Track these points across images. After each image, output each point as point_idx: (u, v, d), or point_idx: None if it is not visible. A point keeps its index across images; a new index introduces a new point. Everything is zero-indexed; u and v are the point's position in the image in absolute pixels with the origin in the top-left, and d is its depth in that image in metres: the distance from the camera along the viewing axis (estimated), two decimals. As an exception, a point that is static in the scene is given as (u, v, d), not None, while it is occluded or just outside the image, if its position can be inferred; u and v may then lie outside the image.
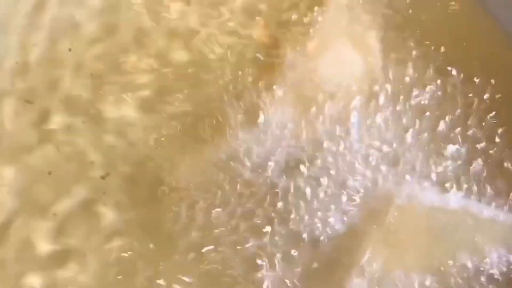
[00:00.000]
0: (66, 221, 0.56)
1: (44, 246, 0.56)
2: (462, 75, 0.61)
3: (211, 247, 0.55)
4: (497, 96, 0.60)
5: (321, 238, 0.55)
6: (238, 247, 0.55)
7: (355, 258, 0.54)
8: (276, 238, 0.55)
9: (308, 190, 0.56)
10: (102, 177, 0.58)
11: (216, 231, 0.55)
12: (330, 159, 0.57)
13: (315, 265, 0.55)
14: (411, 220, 0.56)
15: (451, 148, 0.59)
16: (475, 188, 0.58)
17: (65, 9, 0.64)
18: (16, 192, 0.57)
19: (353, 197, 0.57)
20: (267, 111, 0.58)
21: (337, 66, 0.60)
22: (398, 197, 0.56)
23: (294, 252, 0.55)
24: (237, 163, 0.57)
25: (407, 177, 0.57)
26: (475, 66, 0.61)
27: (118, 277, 0.55)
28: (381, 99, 0.60)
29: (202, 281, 0.54)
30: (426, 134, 0.59)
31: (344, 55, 0.60)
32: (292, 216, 0.56)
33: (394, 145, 0.58)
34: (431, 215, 0.56)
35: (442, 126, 0.59)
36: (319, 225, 0.56)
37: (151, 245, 0.55)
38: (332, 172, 0.57)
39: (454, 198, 0.57)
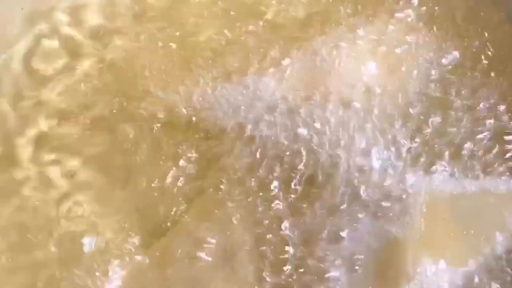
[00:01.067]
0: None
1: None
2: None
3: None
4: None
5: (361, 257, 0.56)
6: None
7: (400, 268, 0.55)
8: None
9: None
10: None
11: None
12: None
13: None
14: (438, 214, 0.56)
15: (456, 135, 0.60)
16: (487, 168, 0.59)
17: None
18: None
19: (370, 205, 0.57)
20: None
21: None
22: (419, 196, 0.57)
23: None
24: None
25: (421, 172, 0.58)
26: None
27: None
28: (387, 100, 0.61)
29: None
30: (430, 128, 0.60)
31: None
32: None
33: (403, 142, 0.59)
34: (455, 205, 0.57)
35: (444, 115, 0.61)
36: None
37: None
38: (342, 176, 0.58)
39: (470, 182, 0.58)
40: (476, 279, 0.55)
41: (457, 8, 0.64)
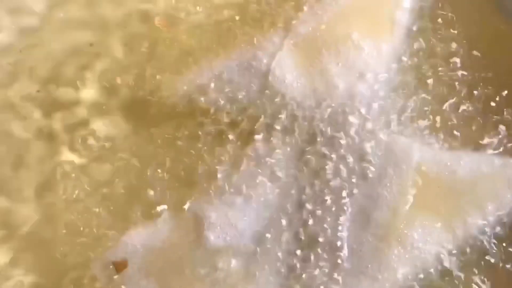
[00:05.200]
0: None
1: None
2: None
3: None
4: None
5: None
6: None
7: (394, 229, 0.56)
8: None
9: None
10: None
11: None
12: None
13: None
14: (434, 182, 0.58)
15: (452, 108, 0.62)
16: (483, 140, 0.61)
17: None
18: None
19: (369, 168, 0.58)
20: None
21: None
22: (414, 163, 0.58)
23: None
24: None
25: (418, 141, 0.60)
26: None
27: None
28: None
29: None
30: (429, 97, 0.62)
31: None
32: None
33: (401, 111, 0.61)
34: (450, 173, 0.58)
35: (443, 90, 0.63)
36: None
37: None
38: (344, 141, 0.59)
39: (466, 153, 0.60)
40: (464, 244, 0.57)
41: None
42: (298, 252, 0.56)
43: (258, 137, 0.59)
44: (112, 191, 0.61)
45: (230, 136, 0.60)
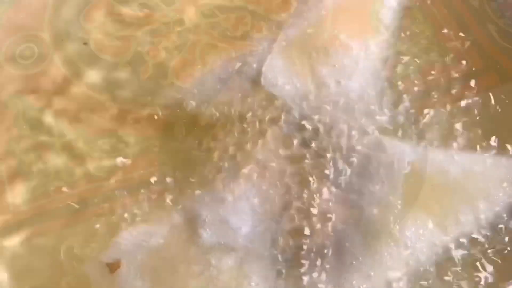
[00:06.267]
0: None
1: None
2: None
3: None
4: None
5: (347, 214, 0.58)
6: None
7: (386, 227, 0.56)
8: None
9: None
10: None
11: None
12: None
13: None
14: (427, 181, 0.58)
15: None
16: (476, 140, 0.61)
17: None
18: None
19: (361, 167, 0.59)
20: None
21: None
22: (406, 162, 0.59)
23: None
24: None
25: (410, 141, 0.61)
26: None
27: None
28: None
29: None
30: (421, 96, 0.63)
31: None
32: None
33: (391, 110, 0.62)
34: (442, 172, 0.59)
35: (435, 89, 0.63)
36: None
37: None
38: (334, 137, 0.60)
39: (458, 153, 0.60)
40: (457, 244, 0.57)
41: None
42: (291, 248, 0.56)
43: (252, 138, 0.60)
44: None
45: (226, 139, 0.61)
